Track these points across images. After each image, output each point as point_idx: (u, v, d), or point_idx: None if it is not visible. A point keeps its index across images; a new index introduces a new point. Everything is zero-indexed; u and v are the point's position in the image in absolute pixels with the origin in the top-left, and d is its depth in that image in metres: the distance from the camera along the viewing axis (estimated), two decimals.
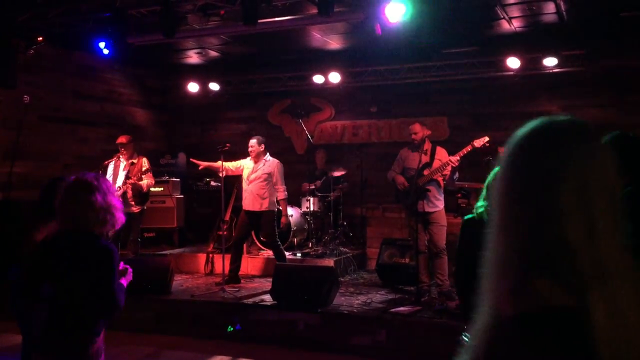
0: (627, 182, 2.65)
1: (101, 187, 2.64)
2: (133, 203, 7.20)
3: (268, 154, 7.22)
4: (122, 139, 7.38)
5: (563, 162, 1.03)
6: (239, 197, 7.48)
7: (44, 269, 2.62)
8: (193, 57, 9.90)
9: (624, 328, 0.98)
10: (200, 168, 7.24)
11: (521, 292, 1.03)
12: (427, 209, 6.35)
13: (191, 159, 7.44)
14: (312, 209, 8.31)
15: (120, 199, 2.80)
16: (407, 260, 7.21)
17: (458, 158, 6.22)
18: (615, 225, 1.03)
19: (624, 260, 1.02)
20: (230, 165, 7.23)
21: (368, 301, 6.37)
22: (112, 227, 2.70)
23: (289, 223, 7.70)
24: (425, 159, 6.47)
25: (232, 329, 5.95)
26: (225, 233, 7.41)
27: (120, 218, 2.70)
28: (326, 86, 9.60)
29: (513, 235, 1.06)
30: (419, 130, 6.54)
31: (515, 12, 7.36)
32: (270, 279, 6.42)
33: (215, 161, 7.08)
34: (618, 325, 0.98)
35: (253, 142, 7.13)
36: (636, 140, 2.75)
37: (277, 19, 6.66)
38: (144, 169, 7.27)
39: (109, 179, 7.03)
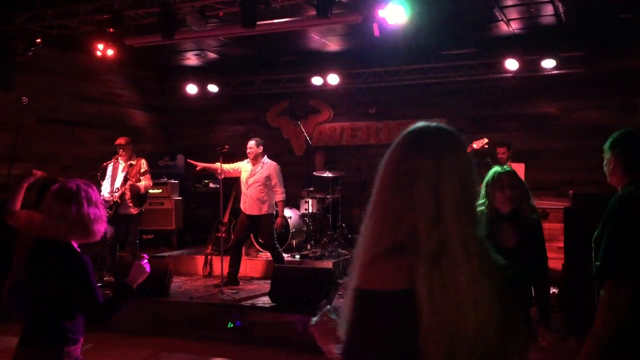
0: (631, 179, 2.59)
1: (79, 198, 2.52)
2: (131, 205, 7.21)
3: (266, 156, 7.21)
4: (120, 141, 7.39)
5: (425, 162, 1.25)
6: (238, 199, 7.46)
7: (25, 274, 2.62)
8: (192, 59, 9.90)
9: (443, 304, 1.16)
10: (197, 169, 7.24)
11: (378, 269, 1.21)
12: None
13: (188, 160, 7.44)
14: (310, 210, 8.31)
15: (105, 210, 2.70)
16: None
17: None
18: (461, 217, 1.22)
19: (463, 247, 1.20)
20: (228, 166, 7.22)
21: None
22: (84, 239, 2.57)
23: (287, 225, 7.69)
24: None
25: (232, 325, 5.93)
26: (223, 235, 7.39)
27: (97, 231, 2.57)
28: (325, 88, 9.60)
29: (381, 219, 1.26)
30: None
31: (513, 14, 7.36)
32: (269, 281, 6.41)
33: (214, 163, 7.07)
34: (437, 302, 1.16)
35: (251, 143, 7.12)
36: None
37: (275, 20, 6.65)
38: (142, 170, 7.28)
39: (99, 185, 7.03)
